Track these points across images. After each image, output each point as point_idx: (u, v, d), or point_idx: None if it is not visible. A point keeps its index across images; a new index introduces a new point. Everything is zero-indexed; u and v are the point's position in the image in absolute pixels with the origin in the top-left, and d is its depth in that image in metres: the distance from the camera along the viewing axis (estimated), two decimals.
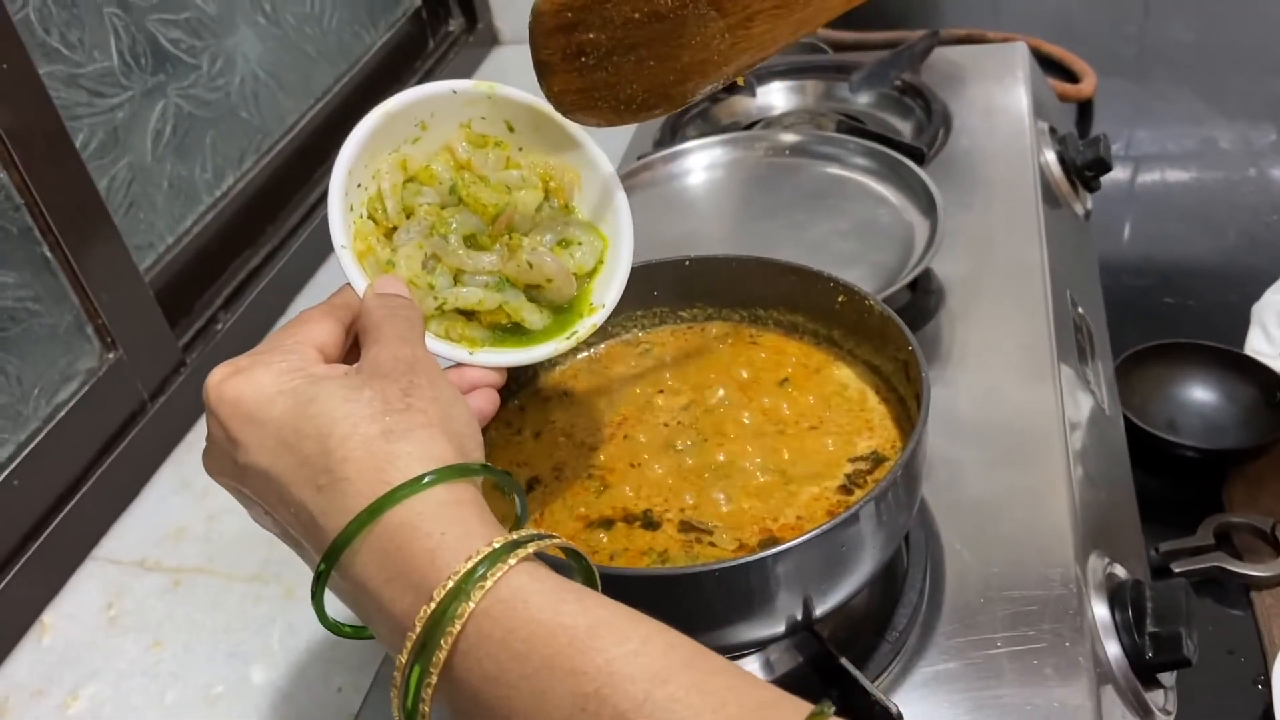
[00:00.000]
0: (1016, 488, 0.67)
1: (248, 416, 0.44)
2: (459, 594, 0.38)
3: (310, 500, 0.42)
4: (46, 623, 0.80)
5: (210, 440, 0.47)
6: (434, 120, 0.55)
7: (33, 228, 0.82)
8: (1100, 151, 0.99)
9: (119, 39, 0.93)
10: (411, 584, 0.39)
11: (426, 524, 0.40)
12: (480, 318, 0.55)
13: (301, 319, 0.49)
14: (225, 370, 0.46)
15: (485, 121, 0.56)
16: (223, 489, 0.48)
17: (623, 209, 0.57)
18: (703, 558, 0.54)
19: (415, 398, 0.44)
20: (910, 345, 0.58)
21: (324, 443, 0.42)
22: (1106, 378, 0.89)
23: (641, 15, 0.49)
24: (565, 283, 0.55)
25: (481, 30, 1.49)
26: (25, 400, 0.82)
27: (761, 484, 0.57)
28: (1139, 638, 0.60)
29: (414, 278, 0.53)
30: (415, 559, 0.40)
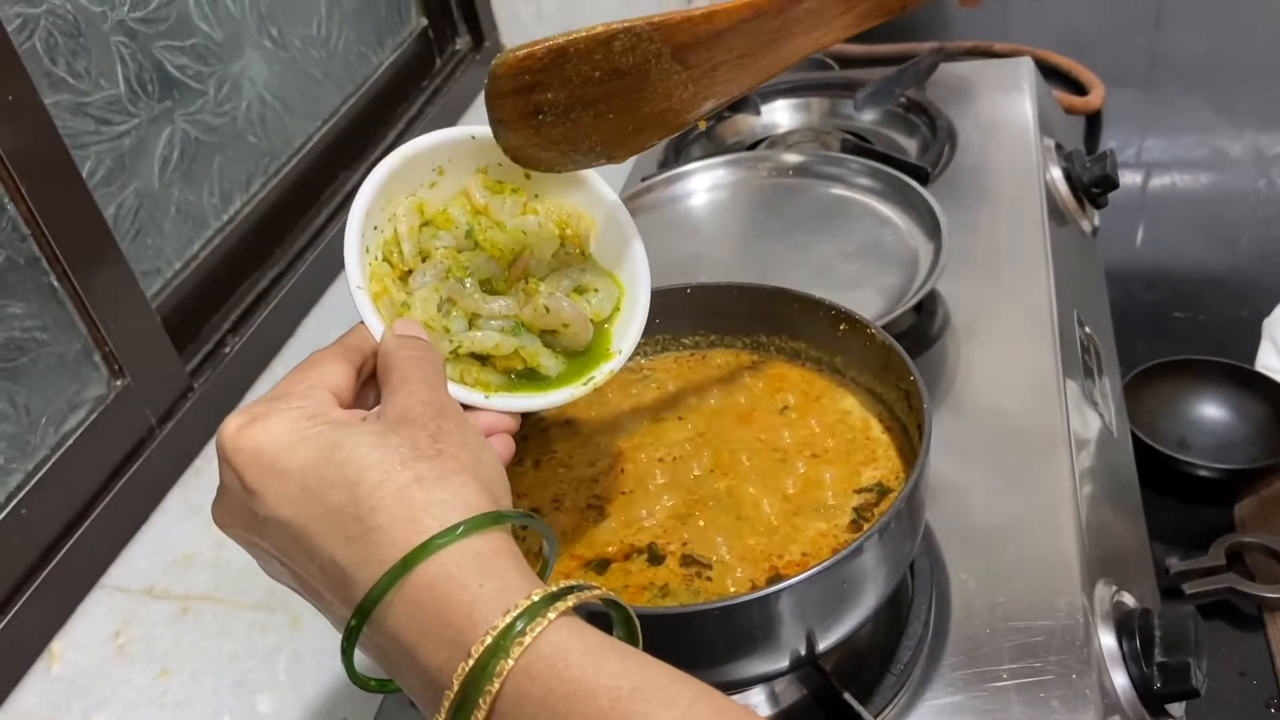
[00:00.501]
0: (1022, 514, 0.67)
1: (267, 466, 0.43)
2: (498, 650, 0.37)
3: (339, 552, 0.41)
4: (55, 651, 0.80)
5: (224, 491, 0.45)
6: (451, 165, 0.55)
7: (40, 257, 0.82)
8: (1107, 168, 0.99)
9: (125, 66, 0.94)
10: (448, 638, 0.38)
11: (463, 575, 0.39)
12: (495, 362, 0.54)
13: (313, 362, 0.49)
14: (240, 419, 0.44)
15: (502, 167, 0.56)
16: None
17: (639, 256, 0.57)
18: (704, 593, 0.54)
19: (445, 443, 0.43)
20: (912, 375, 0.58)
21: (353, 491, 0.41)
22: (1115, 397, 0.89)
23: (602, 73, 0.49)
24: (582, 328, 0.55)
25: (488, 48, 1.49)
26: (33, 429, 0.82)
27: (766, 518, 0.57)
28: (1147, 668, 0.60)
29: (429, 320, 0.53)
30: (452, 612, 0.38)
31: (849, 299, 0.81)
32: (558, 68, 0.48)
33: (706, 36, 0.51)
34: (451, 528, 0.40)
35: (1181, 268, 1.24)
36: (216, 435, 0.45)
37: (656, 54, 0.49)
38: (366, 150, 1.27)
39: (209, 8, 1.03)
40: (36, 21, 0.84)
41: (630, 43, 0.49)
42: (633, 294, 0.57)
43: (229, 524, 0.46)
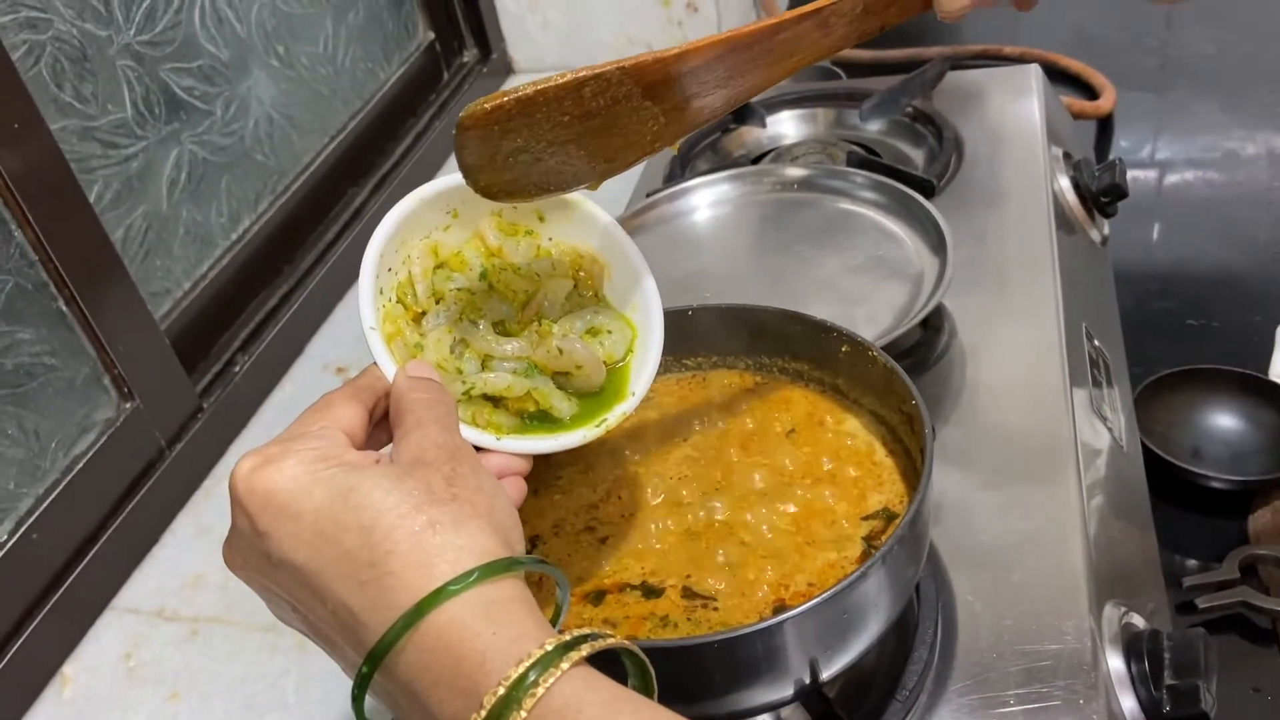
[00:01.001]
0: (1030, 534, 0.66)
1: (281, 508, 0.43)
2: (510, 702, 0.37)
3: (351, 596, 0.41)
4: (67, 674, 0.81)
5: (236, 533, 0.45)
6: (465, 208, 0.55)
7: (48, 283, 0.83)
8: (1116, 177, 0.98)
9: (132, 90, 0.94)
10: (460, 688, 0.38)
11: (476, 623, 0.39)
12: (508, 404, 0.54)
13: (326, 403, 0.48)
14: (253, 460, 0.44)
15: (516, 210, 0.57)
16: None
17: (653, 299, 0.57)
18: (705, 623, 0.53)
19: (460, 487, 0.43)
20: (914, 399, 0.57)
21: (368, 535, 0.41)
22: (1125, 410, 0.88)
23: (571, 117, 0.49)
24: (595, 370, 0.55)
25: (495, 60, 1.50)
26: (43, 454, 0.83)
27: (771, 546, 0.57)
28: (1156, 691, 0.59)
29: (442, 362, 0.53)
30: (465, 660, 0.38)
31: (854, 315, 0.81)
32: (526, 116, 0.48)
33: (679, 74, 0.51)
34: (465, 574, 0.40)
35: (1194, 272, 1.22)
36: (230, 476, 0.45)
37: (627, 95, 0.50)
38: (375, 166, 1.27)
39: (215, 29, 1.04)
40: (43, 48, 0.85)
41: (600, 88, 0.49)
42: (645, 336, 0.57)
43: (240, 565, 0.46)
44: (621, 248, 0.58)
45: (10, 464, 0.80)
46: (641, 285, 0.57)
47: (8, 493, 0.79)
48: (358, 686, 0.41)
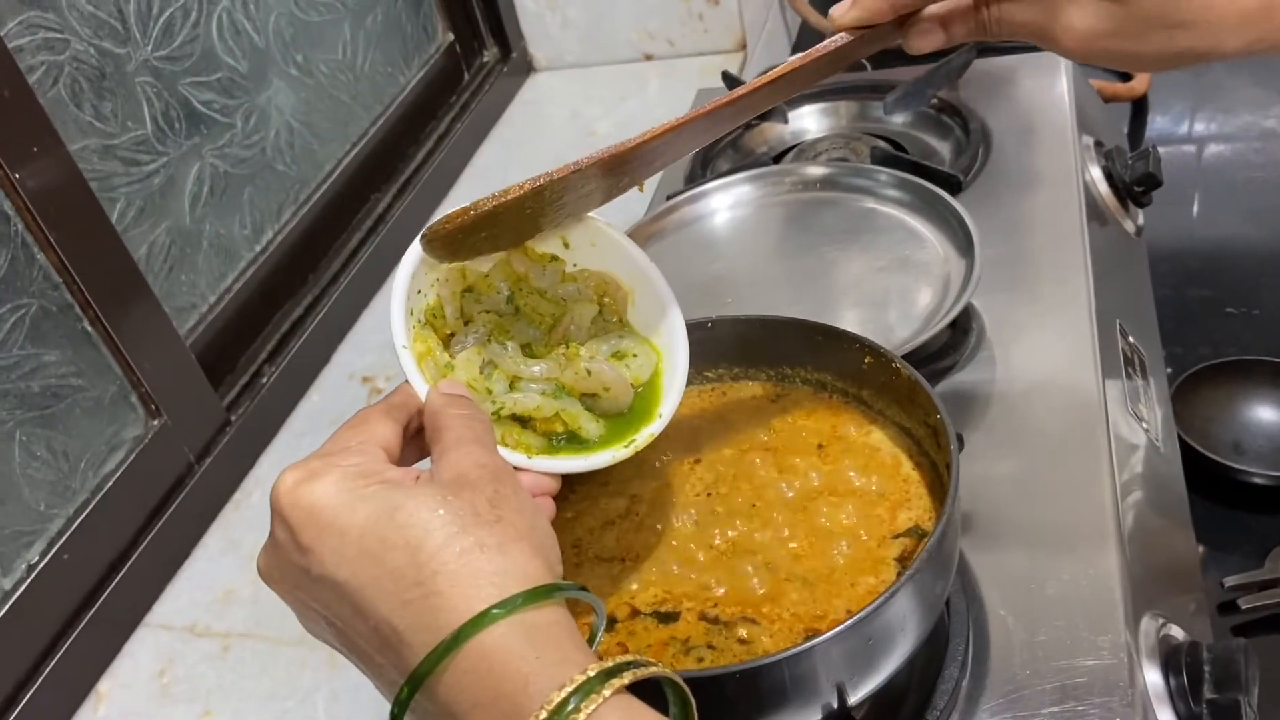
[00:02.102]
0: (1063, 545, 0.65)
1: (326, 524, 0.42)
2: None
3: (395, 615, 0.40)
4: (102, 692, 0.82)
5: (275, 545, 0.45)
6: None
7: (72, 304, 0.83)
8: (1150, 165, 0.95)
9: (152, 106, 0.94)
10: (502, 711, 0.38)
11: (520, 646, 0.39)
12: (536, 425, 0.55)
13: (362, 418, 0.48)
14: (297, 475, 0.44)
15: (542, 237, 0.57)
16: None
17: (677, 324, 0.58)
18: (728, 651, 0.52)
19: (503, 509, 0.43)
20: (939, 414, 0.56)
21: (414, 554, 0.41)
22: (1162, 406, 0.86)
23: (533, 210, 0.52)
24: (623, 392, 0.56)
25: (516, 59, 1.49)
26: (73, 474, 0.83)
27: (800, 568, 0.55)
28: (1196, 705, 0.58)
29: (472, 381, 0.53)
30: (506, 683, 0.38)
31: (879, 318, 0.80)
32: (489, 222, 0.51)
33: (641, 152, 0.53)
34: (511, 598, 0.39)
35: (1234, 258, 1.19)
36: (272, 489, 0.44)
37: (585, 182, 0.52)
38: (398, 170, 1.27)
39: (233, 40, 1.04)
40: (61, 68, 0.85)
41: (559, 188, 0.51)
42: (671, 359, 0.58)
43: (277, 579, 0.46)
44: (645, 273, 0.58)
45: (40, 486, 0.80)
46: (666, 310, 0.58)
47: (39, 514, 0.80)
48: (398, 707, 0.41)
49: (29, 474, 0.80)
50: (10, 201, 0.78)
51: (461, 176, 1.34)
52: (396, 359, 0.52)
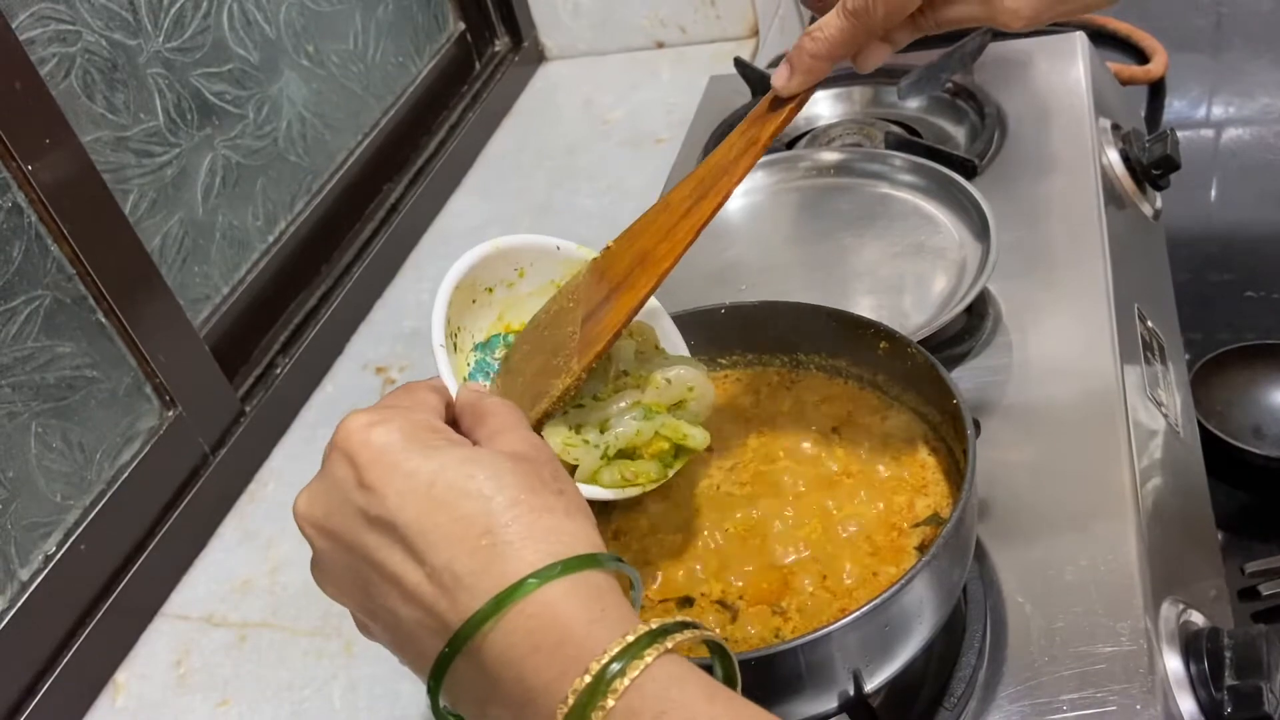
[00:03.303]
0: (1081, 529, 0.64)
1: (395, 465, 0.42)
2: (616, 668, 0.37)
3: (459, 560, 0.40)
4: (120, 682, 0.82)
5: (330, 484, 0.44)
6: (532, 270, 0.58)
7: (86, 296, 0.84)
8: (1168, 148, 0.94)
9: (164, 97, 0.94)
10: (566, 656, 0.38)
11: (585, 600, 0.39)
12: (643, 452, 0.55)
13: (411, 389, 0.49)
14: (368, 417, 0.44)
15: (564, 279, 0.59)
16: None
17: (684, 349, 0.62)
18: (744, 641, 0.52)
19: (563, 484, 0.44)
20: (955, 399, 0.55)
21: (487, 504, 0.41)
22: (1181, 391, 0.85)
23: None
24: (705, 386, 0.57)
25: (527, 48, 1.48)
26: (89, 465, 0.84)
27: (821, 559, 0.55)
28: (1216, 692, 0.57)
29: (569, 442, 0.54)
30: (573, 628, 0.38)
31: (895, 303, 0.79)
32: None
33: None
34: (578, 557, 0.40)
35: (1254, 241, 1.18)
36: (340, 428, 0.44)
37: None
38: (410, 160, 1.27)
39: (244, 32, 1.03)
40: (73, 60, 0.85)
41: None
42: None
43: (319, 519, 0.44)
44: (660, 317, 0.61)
45: (56, 477, 0.81)
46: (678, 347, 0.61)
47: (55, 505, 0.80)
48: (449, 649, 0.40)
49: (45, 465, 0.80)
50: (23, 193, 0.78)
51: (474, 166, 1.33)
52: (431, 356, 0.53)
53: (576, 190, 1.23)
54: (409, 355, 1.08)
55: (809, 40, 0.55)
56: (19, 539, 0.78)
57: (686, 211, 0.55)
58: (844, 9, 0.53)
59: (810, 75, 0.56)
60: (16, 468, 0.78)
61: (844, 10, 0.53)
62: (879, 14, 0.52)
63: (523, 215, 1.23)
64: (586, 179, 1.25)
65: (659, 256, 0.54)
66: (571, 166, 1.28)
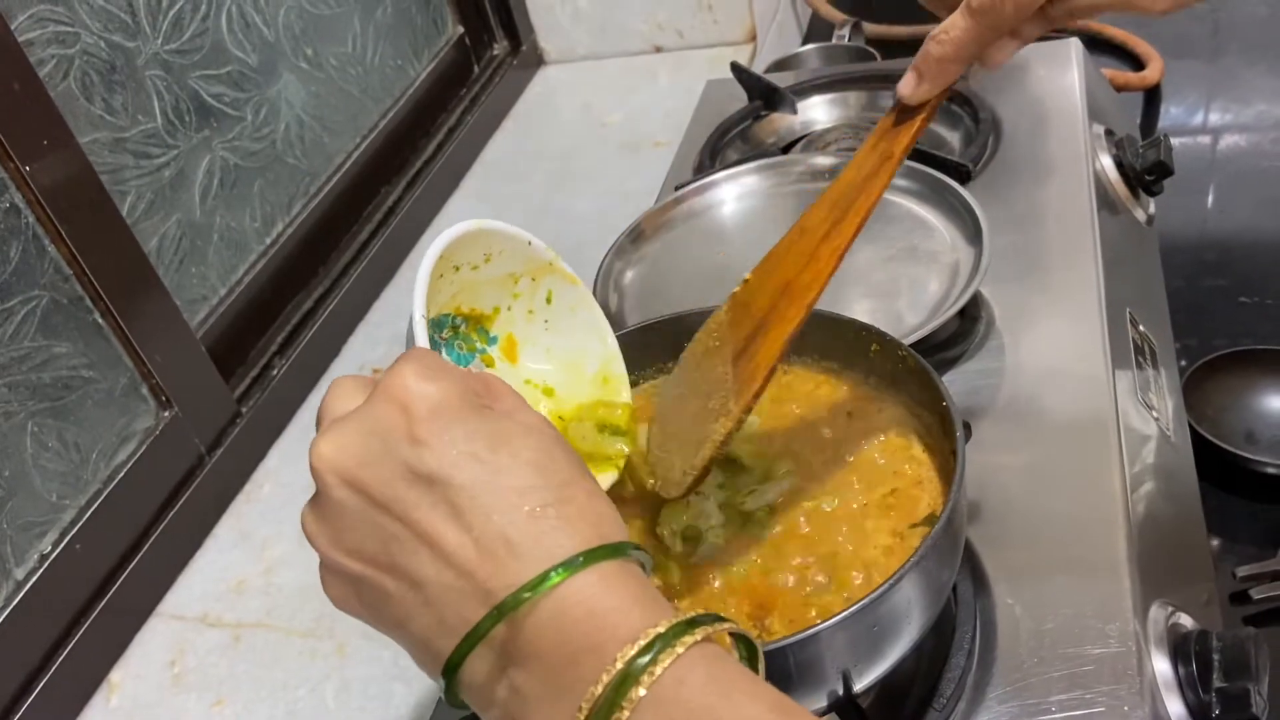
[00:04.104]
0: (1072, 532, 0.65)
1: (454, 420, 0.40)
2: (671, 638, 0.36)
3: (513, 527, 0.38)
4: (114, 681, 0.82)
5: (373, 432, 0.40)
6: (498, 258, 0.57)
7: (83, 296, 0.84)
8: (1161, 154, 0.94)
9: (162, 99, 0.95)
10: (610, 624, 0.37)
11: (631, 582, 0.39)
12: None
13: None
14: (420, 368, 0.41)
15: (533, 282, 0.59)
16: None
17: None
18: None
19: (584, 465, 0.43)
20: (945, 401, 0.56)
21: (546, 476, 0.40)
22: (1173, 396, 0.85)
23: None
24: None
25: (526, 52, 1.49)
26: (84, 465, 0.84)
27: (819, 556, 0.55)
28: (1205, 694, 0.57)
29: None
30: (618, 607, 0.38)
31: (888, 307, 0.80)
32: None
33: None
34: (624, 543, 0.40)
35: (1248, 247, 1.18)
36: (390, 376, 0.41)
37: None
38: (408, 164, 1.27)
39: (243, 34, 1.04)
40: (71, 62, 0.85)
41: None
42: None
43: (350, 467, 0.40)
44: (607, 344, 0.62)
45: (52, 476, 0.81)
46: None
47: (51, 505, 0.81)
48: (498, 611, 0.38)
49: (41, 465, 0.80)
50: (21, 194, 0.79)
51: (472, 169, 1.34)
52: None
53: (574, 193, 1.24)
54: None
55: (935, 44, 0.53)
56: (14, 538, 0.78)
57: (825, 235, 0.54)
58: (969, 8, 0.51)
59: (939, 80, 0.54)
60: (12, 467, 0.78)
61: (969, 9, 0.51)
62: (1008, 10, 0.50)
63: (521, 218, 1.23)
64: (584, 182, 1.26)
65: (804, 285, 0.53)
66: (569, 170, 1.29)
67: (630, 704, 0.35)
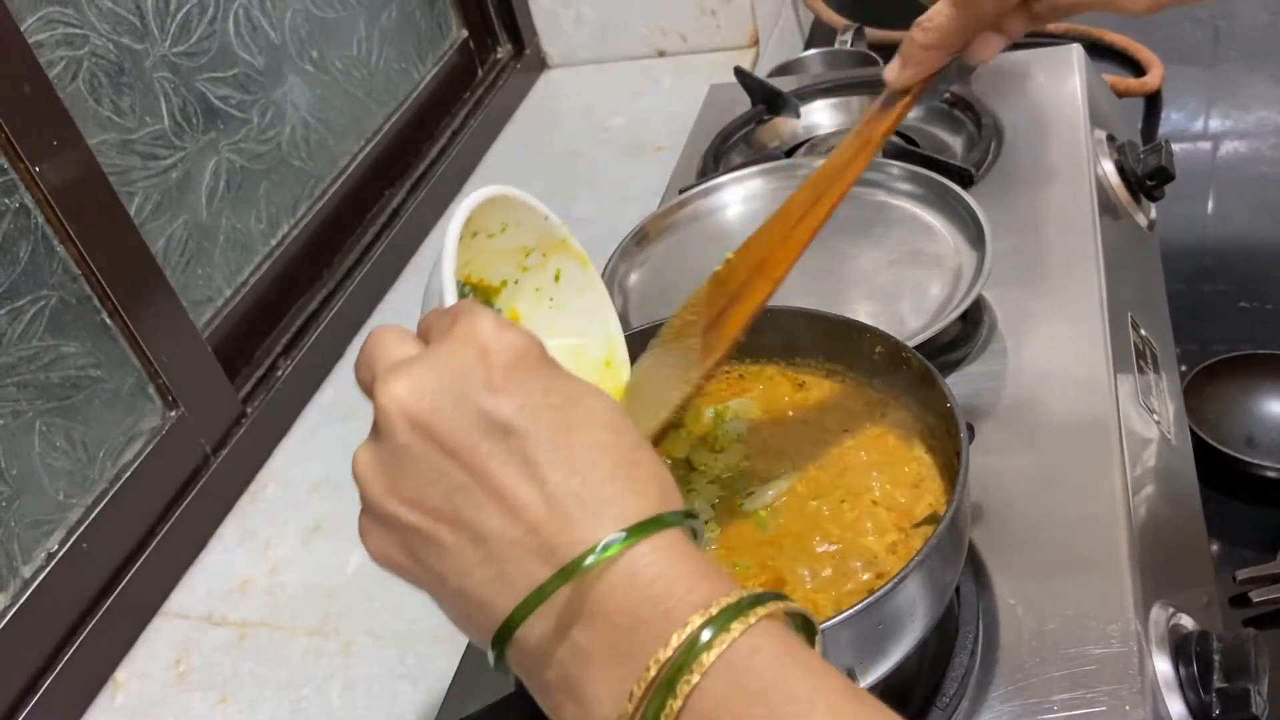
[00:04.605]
0: (1073, 533, 0.65)
1: (533, 373, 0.39)
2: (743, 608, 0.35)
3: (590, 486, 0.37)
4: (120, 680, 0.83)
5: (451, 376, 0.39)
6: (514, 228, 0.56)
7: (91, 296, 0.84)
8: (1162, 159, 0.95)
9: (169, 101, 0.95)
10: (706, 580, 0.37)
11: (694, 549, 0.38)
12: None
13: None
14: (496, 318, 0.40)
15: (544, 258, 0.58)
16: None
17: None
18: None
19: None
20: (949, 402, 0.56)
21: (621, 439, 0.39)
22: (1174, 400, 0.86)
23: None
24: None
25: (529, 56, 1.50)
26: (91, 464, 0.84)
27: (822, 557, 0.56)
28: (1205, 694, 0.58)
29: None
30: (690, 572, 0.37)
31: (891, 310, 0.80)
32: None
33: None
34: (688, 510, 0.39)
35: (1248, 253, 1.19)
36: (463, 322, 0.40)
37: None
38: (412, 166, 1.28)
39: (249, 37, 1.05)
40: (80, 63, 0.86)
41: None
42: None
43: (425, 410, 0.38)
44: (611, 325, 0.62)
45: (59, 475, 0.81)
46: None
47: (58, 504, 0.81)
48: (565, 573, 0.36)
49: (48, 464, 0.81)
50: (30, 194, 0.79)
51: (475, 173, 1.34)
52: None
53: (576, 197, 1.24)
54: None
55: (919, 31, 0.54)
56: (22, 536, 0.78)
57: (802, 216, 0.56)
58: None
59: (922, 67, 0.55)
60: (20, 465, 0.78)
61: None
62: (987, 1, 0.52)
63: None
64: (587, 186, 1.26)
65: (775, 262, 0.55)
66: (572, 173, 1.29)
67: (700, 668, 0.34)
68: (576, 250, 0.59)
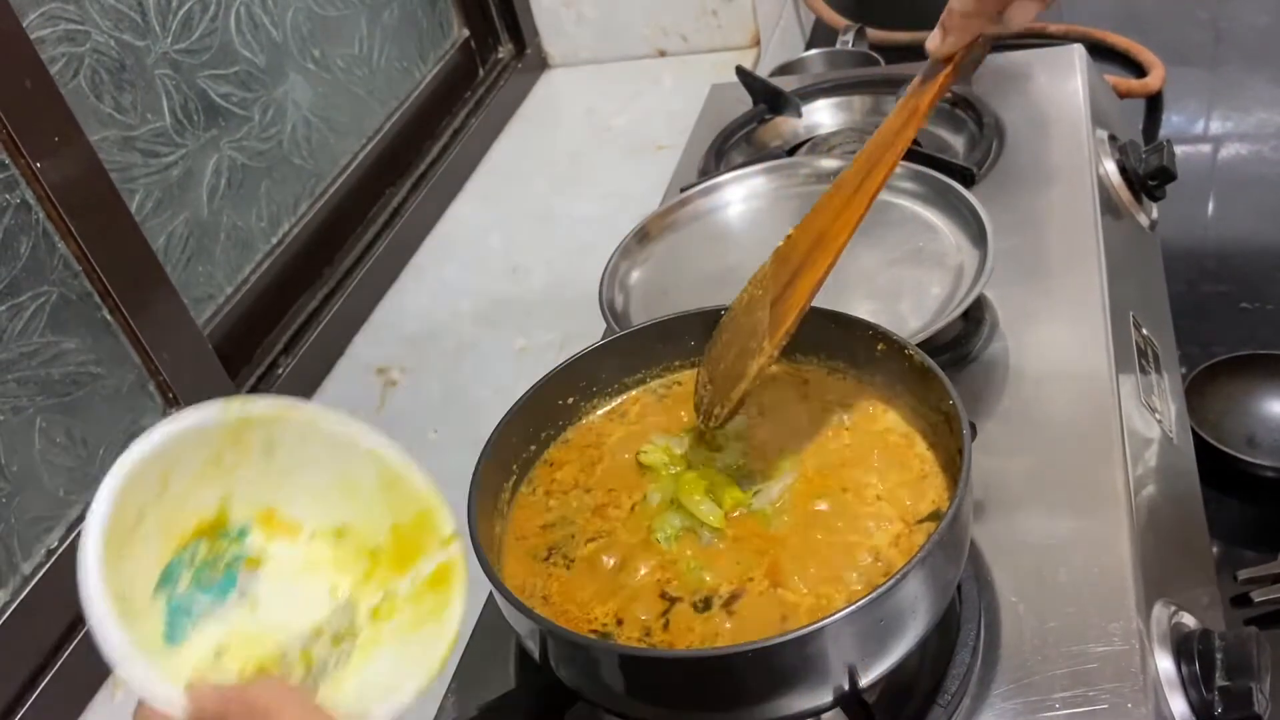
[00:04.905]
0: (1075, 531, 0.65)
1: None
2: None
3: None
4: (119, 678, 0.82)
5: None
6: (178, 466, 0.47)
7: (92, 293, 0.84)
8: (1164, 159, 0.95)
9: (170, 98, 0.95)
10: None
11: None
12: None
13: None
14: None
15: (238, 447, 0.49)
16: None
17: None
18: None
19: None
20: (950, 399, 0.56)
21: None
22: (1175, 400, 0.86)
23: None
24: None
25: (530, 55, 1.50)
26: (91, 461, 0.84)
27: (823, 555, 0.56)
28: (1208, 693, 0.58)
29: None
30: None
31: (892, 309, 0.80)
32: None
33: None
34: None
35: (1249, 254, 1.19)
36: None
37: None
38: (412, 165, 1.28)
39: (251, 35, 1.05)
40: (81, 60, 0.86)
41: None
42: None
43: None
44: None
45: (60, 472, 0.81)
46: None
47: (58, 500, 0.81)
48: None
49: (49, 460, 0.80)
50: (32, 191, 0.79)
51: (476, 171, 1.34)
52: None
53: (577, 196, 1.24)
54: (409, 357, 1.09)
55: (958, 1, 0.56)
56: (22, 533, 0.78)
57: (857, 187, 0.59)
58: None
59: (962, 34, 0.57)
60: (20, 462, 0.78)
61: None
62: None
63: (524, 221, 1.24)
64: (588, 185, 1.26)
65: (834, 233, 0.59)
66: (573, 173, 1.29)
67: None
68: (261, 413, 0.49)
